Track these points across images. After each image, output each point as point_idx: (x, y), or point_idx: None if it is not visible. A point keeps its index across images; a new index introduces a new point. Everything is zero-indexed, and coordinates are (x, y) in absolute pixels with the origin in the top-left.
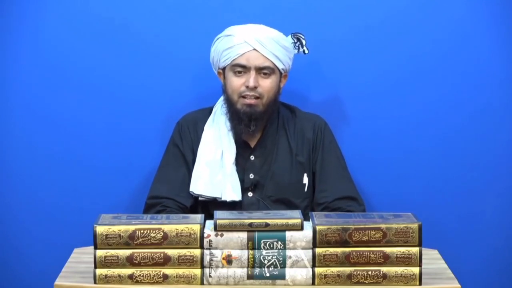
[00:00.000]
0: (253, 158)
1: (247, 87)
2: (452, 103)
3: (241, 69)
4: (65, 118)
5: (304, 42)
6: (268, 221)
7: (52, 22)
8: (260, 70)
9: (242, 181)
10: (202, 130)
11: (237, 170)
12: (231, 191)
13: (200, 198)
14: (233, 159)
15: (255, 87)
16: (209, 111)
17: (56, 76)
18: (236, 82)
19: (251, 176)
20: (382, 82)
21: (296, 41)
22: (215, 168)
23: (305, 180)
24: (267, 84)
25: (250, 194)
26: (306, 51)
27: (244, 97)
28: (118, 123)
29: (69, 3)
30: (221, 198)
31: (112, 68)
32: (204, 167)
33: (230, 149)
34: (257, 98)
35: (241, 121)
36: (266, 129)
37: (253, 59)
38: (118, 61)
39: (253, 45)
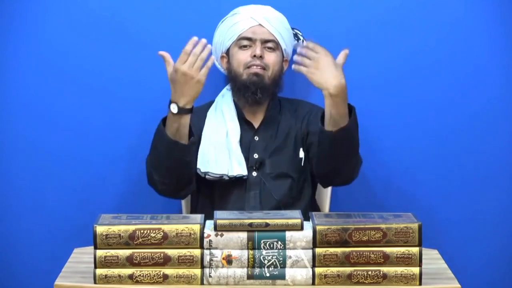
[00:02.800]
0: (257, 139)
1: (253, 56)
2: (452, 103)
3: (246, 42)
4: (65, 118)
5: (302, 38)
6: (268, 221)
7: (52, 21)
8: (265, 43)
9: (247, 160)
10: (204, 117)
11: (242, 150)
12: (238, 166)
13: (207, 177)
14: (237, 138)
15: (261, 57)
16: (208, 104)
17: (56, 76)
18: (242, 56)
19: (255, 156)
20: (382, 82)
21: (294, 36)
22: (221, 148)
23: (301, 154)
24: (272, 57)
25: (254, 173)
26: (304, 41)
27: (249, 67)
28: (118, 123)
29: (69, 3)
30: (227, 174)
31: (112, 67)
32: (209, 146)
33: (235, 130)
34: (263, 69)
35: (247, 89)
36: (268, 109)
37: (259, 32)
38: (118, 61)
39: (259, 20)
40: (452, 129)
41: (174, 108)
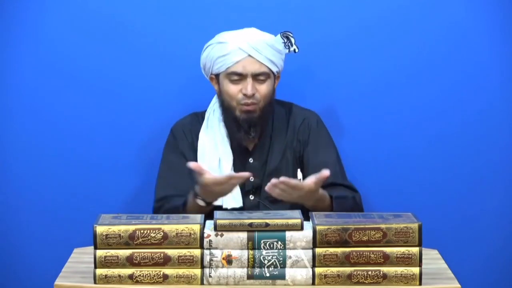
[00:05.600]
0: (252, 161)
1: (244, 94)
2: (451, 103)
3: (237, 77)
4: (65, 118)
5: (293, 40)
6: (268, 221)
7: (52, 21)
8: (256, 76)
9: (243, 185)
10: (197, 137)
11: None
12: (231, 199)
13: None
14: (230, 165)
15: (253, 94)
16: (201, 116)
17: (55, 76)
18: (233, 90)
19: (251, 179)
20: (381, 82)
21: (285, 40)
22: None
23: (299, 175)
24: (264, 90)
25: (251, 197)
26: (297, 50)
27: (241, 104)
28: (118, 123)
29: (69, 3)
30: (222, 206)
31: (111, 68)
32: None
33: (227, 156)
34: (254, 104)
35: (240, 128)
36: (261, 133)
37: (249, 66)
38: (118, 62)
39: (248, 51)
40: (452, 129)
41: (201, 202)
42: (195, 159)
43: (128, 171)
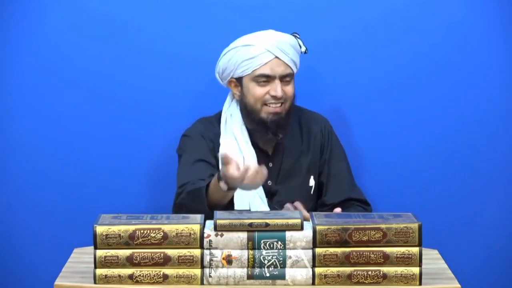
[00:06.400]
0: (271, 165)
1: (273, 96)
2: (452, 104)
3: (265, 79)
4: (65, 118)
5: (301, 42)
6: (268, 221)
7: (52, 21)
8: (283, 77)
9: (264, 188)
10: (212, 141)
11: None
12: (260, 202)
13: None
14: None
15: (282, 96)
16: (210, 121)
17: (55, 76)
18: (260, 91)
19: (269, 183)
20: (383, 83)
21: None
22: None
23: (312, 182)
24: (290, 90)
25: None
26: (307, 51)
27: (267, 105)
28: (118, 123)
29: (69, 3)
30: (250, 210)
31: (112, 68)
32: None
33: (252, 158)
34: (281, 104)
35: (267, 129)
36: (287, 131)
37: (276, 67)
38: (118, 61)
39: (275, 53)
40: (453, 129)
41: (224, 186)
42: (217, 164)
43: (128, 171)
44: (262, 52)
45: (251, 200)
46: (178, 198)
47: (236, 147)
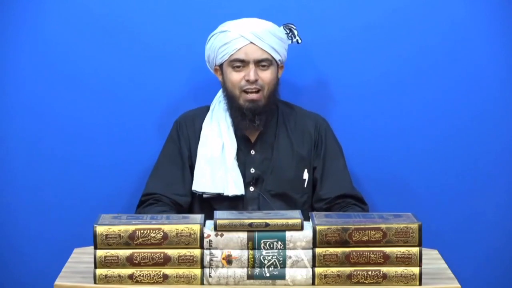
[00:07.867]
0: (253, 153)
1: (247, 81)
2: (452, 103)
3: (239, 63)
4: (65, 118)
5: (296, 32)
6: (268, 221)
7: (51, 21)
8: (258, 62)
9: (243, 175)
10: (200, 127)
11: (238, 165)
12: (234, 186)
13: (204, 196)
14: (234, 154)
15: (256, 80)
16: (206, 109)
17: (55, 76)
18: (235, 77)
19: (252, 170)
20: (382, 82)
21: (288, 31)
22: (216, 164)
23: (305, 175)
24: (267, 76)
25: (251, 188)
26: (300, 41)
27: (245, 91)
28: (117, 122)
29: (69, 3)
30: (223, 193)
31: (110, 67)
32: (205, 164)
33: (231, 144)
34: (258, 91)
35: (245, 116)
36: (266, 123)
37: (251, 52)
38: (116, 60)
39: (250, 38)
40: (452, 129)
41: None
42: (196, 146)
43: (128, 171)
44: (236, 37)
45: (225, 185)
46: (141, 206)
47: (218, 132)
